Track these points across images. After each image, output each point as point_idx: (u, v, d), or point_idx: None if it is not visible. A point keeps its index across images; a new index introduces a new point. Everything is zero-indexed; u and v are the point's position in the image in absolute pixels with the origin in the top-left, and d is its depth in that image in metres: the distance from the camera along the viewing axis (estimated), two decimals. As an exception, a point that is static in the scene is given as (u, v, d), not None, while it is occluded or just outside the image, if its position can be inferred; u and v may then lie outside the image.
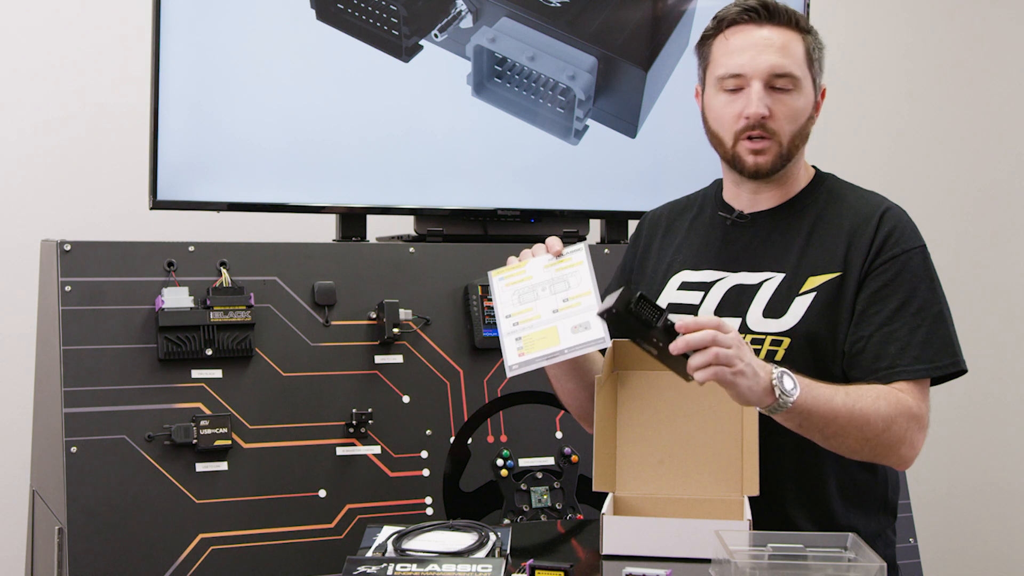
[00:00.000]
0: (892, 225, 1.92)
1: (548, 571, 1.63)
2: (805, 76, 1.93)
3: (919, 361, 1.85)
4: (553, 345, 1.85)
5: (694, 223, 2.08)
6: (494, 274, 1.95)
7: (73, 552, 2.12)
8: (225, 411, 2.28)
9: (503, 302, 1.92)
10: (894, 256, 1.90)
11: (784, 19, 1.93)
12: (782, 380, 1.72)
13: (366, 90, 2.58)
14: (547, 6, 2.69)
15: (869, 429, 1.79)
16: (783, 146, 1.92)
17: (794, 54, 1.92)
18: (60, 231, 2.38)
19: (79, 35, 2.99)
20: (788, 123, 1.92)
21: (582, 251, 1.91)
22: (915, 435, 1.84)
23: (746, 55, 1.91)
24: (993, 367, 3.85)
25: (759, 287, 1.95)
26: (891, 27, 3.93)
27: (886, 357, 1.85)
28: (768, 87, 1.90)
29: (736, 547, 1.63)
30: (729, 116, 1.93)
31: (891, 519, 2.02)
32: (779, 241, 1.97)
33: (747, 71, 1.90)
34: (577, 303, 1.87)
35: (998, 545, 3.94)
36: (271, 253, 2.40)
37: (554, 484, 2.49)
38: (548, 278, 1.91)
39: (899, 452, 1.84)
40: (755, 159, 1.93)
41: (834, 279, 1.91)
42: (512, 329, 1.89)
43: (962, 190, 3.98)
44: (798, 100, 1.92)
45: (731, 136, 1.94)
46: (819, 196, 1.99)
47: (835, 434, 1.79)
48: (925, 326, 1.87)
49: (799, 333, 1.90)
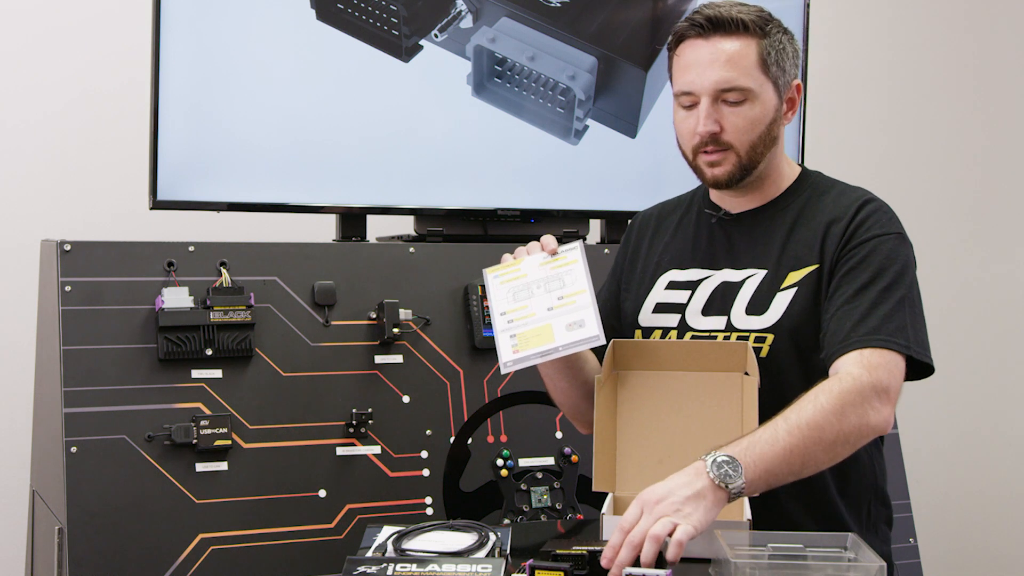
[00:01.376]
0: (868, 213, 1.91)
1: (548, 571, 1.63)
2: (759, 84, 1.90)
3: (875, 332, 1.79)
4: (547, 343, 1.86)
5: (682, 222, 2.09)
6: (489, 272, 1.96)
7: (73, 552, 2.12)
8: (225, 411, 2.28)
9: (498, 299, 1.92)
10: (864, 240, 1.88)
11: (731, 27, 1.89)
12: (713, 465, 1.65)
13: (366, 90, 2.58)
14: (547, 6, 2.69)
15: (827, 434, 1.72)
16: (741, 156, 1.92)
17: (741, 64, 1.89)
18: (60, 231, 2.38)
19: (79, 35, 2.99)
20: (743, 134, 1.91)
21: (577, 249, 1.92)
22: (874, 403, 1.74)
23: (693, 72, 1.91)
24: (993, 367, 3.85)
25: (742, 284, 1.95)
26: (890, 27, 3.93)
27: (842, 332, 1.81)
28: (718, 101, 1.90)
29: (736, 547, 1.63)
30: (686, 132, 1.95)
31: (885, 506, 2.01)
32: (761, 238, 1.98)
33: (695, 88, 1.91)
34: (572, 301, 1.88)
35: (998, 545, 3.94)
36: (271, 253, 2.40)
37: (554, 484, 2.49)
38: (543, 276, 1.91)
39: (869, 426, 1.76)
40: (712, 171, 1.94)
41: (812, 272, 1.91)
42: (507, 326, 1.89)
43: (963, 190, 3.98)
44: (751, 110, 1.91)
45: (690, 151, 1.96)
46: (802, 193, 2.00)
47: (803, 466, 1.72)
48: (886, 305, 1.82)
49: (782, 329, 1.90)
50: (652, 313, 2.02)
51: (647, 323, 2.02)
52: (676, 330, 1.99)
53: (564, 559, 1.63)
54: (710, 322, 1.96)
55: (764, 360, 1.90)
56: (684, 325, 1.98)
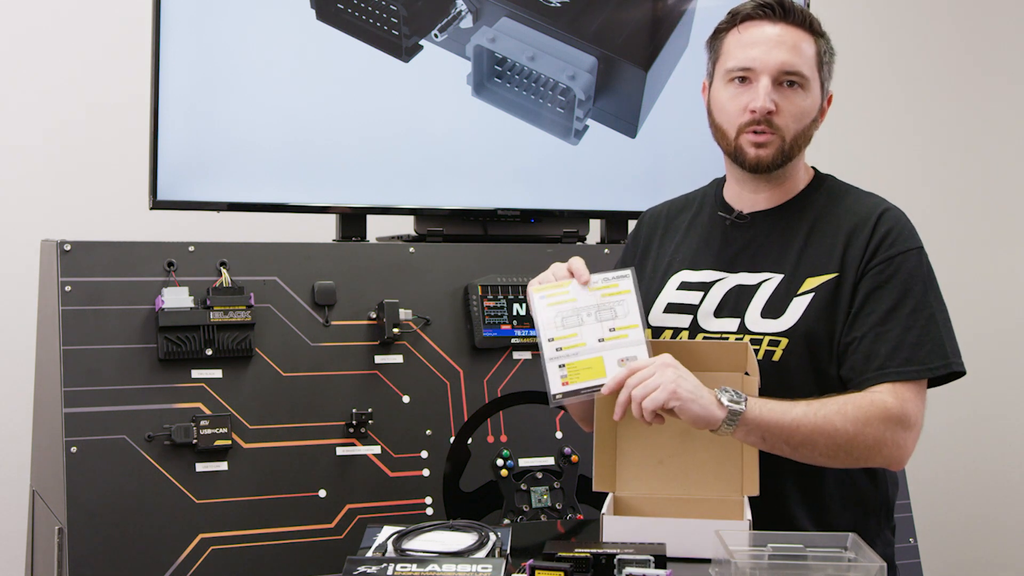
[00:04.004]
0: (889, 226, 1.93)
1: (548, 571, 1.63)
2: (814, 77, 1.94)
3: (909, 363, 1.85)
4: (599, 377, 1.82)
5: (693, 222, 2.08)
6: (535, 291, 1.89)
7: (73, 552, 2.12)
8: (225, 411, 2.28)
9: (545, 324, 1.86)
10: (890, 257, 1.90)
11: (798, 19, 1.94)
12: (724, 392, 1.77)
13: (366, 90, 2.58)
14: (547, 6, 2.69)
15: (839, 435, 1.79)
16: (785, 142, 1.93)
17: (805, 54, 1.93)
18: (60, 231, 2.38)
19: (79, 35, 3.00)
20: (793, 121, 1.92)
21: (629, 278, 1.87)
22: (897, 435, 1.82)
23: (757, 49, 1.92)
24: (993, 367, 3.84)
25: (758, 287, 1.95)
26: (890, 27, 3.93)
27: (876, 358, 1.85)
28: (776, 83, 1.91)
29: (736, 547, 1.63)
30: (735, 109, 1.94)
31: (889, 519, 2.02)
32: (778, 242, 1.97)
33: (757, 65, 1.91)
34: (624, 335, 1.84)
35: (998, 545, 3.94)
36: (271, 253, 2.40)
37: (554, 484, 2.49)
38: (594, 303, 1.86)
39: (882, 454, 1.83)
40: (757, 152, 1.93)
41: (831, 280, 1.91)
42: (556, 355, 1.84)
43: (962, 189, 3.98)
44: (805, 100, 1.93)
45: (735, 129, 1.94)
46: (818, 197, 2.00)
47: (801, 444, 1.79)
48: (917, 327, 1.87)
49: (797, 333, 1.90)
50: (663, 313, 2.02)
51: (658, 323, 2.02)
52: (688, 331, 1.98)
53: (565, 560, 1.64)
54: (722, 324, 1.96)
55: (777, 364, 1.90)
56: (696, 326, 1.98)
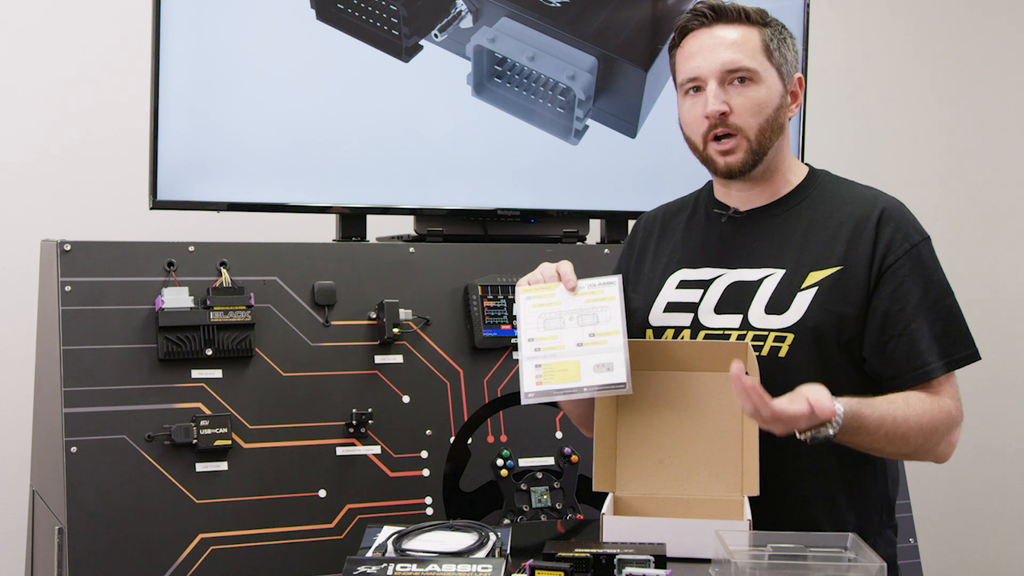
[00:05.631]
0: (896, 221, 1.94)
1: (548, 571, 1.63)
2: (764, 67, 1.94)
3: (943, 356, 1.89)
4: (573, 380, 1.83)
5: (690, 222, 2.09)
6: (522, 291, 1.91)
7: (73, 552, 2.12)
8: (225, 411, 2.28)
9: (527, 323, 1.88)
10: (905, 252, 1.92)
11: (733, 16, 1.95)
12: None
13: (366, 90, 2.58)
14: (547, 6, 2.69)
15: (911, 442, 1.86)
16: (751, 141, 1.93)
17: (747, 47, 1.93)
18: (60, 231, 2.38)
19: (79, 35, 3.00)
20: (751, 115, 1.93)
21: (615, 285, 1.88)
22: (953, 435, 1.91)
23: (699, 57, 1.94)
24: (993, 367, 3.84)
25: (760, 283, 1.95)
26: (890, 27, 3.93)
27: (918, 356, 1.89)
28: (728, 84, 1.92)
29: (736, 547, 1.63)
30: (694, 119, 1.96)
31: (891, 517, 2.02)
32: (777, 237, 1.98)
33: (702, 72, 1.93)
34: (603, 341, 1.85)
35: (998, 545, 3.94)
36: (271, 253, 2.40)
37: (554, 484, 2.49)
38: (577, 307, 1.87)
39: (936, 452, 1.91)
40: (725, 160, 1.95)
41: (834, 273, 1.92)
42: (533, 354, 1.86)
43: (962, 189, 3.98)
44: (759, 91, 1.93)
45: (700, 139, 1.96)
46: (813, 192, 2.00)
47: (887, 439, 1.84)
48: (942, 319, 1.91)
49: (803, 328, 1.90)
50: (663, 312, 2.02)
51: (658, 322, 2.02)
52: (689, 329, 1.98)
53: (565, 560, 1.64)
54: (724, 320, 1.96)
55: (783, 359, 1.90)
56: (697, 324, 1.98)
